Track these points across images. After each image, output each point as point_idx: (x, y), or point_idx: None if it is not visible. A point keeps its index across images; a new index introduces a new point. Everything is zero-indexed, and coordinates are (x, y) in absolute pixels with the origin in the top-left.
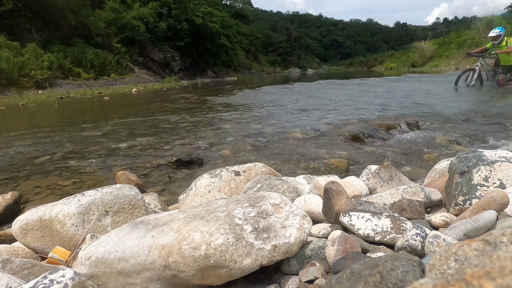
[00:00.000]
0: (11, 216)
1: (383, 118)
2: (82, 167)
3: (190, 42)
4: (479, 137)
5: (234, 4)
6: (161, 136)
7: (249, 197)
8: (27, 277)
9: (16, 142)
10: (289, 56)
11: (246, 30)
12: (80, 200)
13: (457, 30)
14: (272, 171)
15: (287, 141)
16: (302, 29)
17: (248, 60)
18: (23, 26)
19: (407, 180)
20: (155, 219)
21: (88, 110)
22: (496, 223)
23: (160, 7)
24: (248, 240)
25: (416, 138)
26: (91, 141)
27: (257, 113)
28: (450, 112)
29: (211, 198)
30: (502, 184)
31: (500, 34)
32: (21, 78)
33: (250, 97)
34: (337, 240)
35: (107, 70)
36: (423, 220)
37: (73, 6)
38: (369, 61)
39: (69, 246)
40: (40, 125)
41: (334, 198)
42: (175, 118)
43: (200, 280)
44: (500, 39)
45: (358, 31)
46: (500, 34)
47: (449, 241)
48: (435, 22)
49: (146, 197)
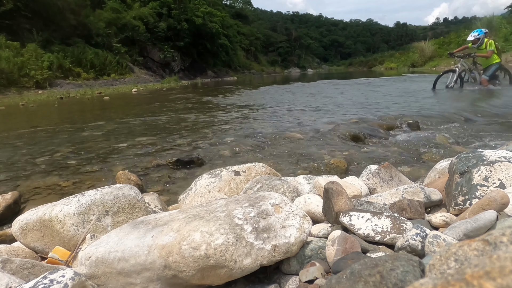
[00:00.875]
0: (11, 216)
1: (383, 118)
2: (82, 167)
3: (190, 42)
4: (479, 137)
5: (234, 4)
6: (161, 136)
7: (249, 197)
8: (27, 277)
9: (16, 142)
10: (289, 56)
11: (246, 30)
12: (80, 200)
13: (457, 30)
14: (272, 171)
15: (287, 141)
16: (302, 29)
17: (248, 60)
18: (23, 26)
19: (407, 180)
20: (155, 219)
21: (88, 110)
22: (496, 223)
23: (160, 7)
24: (248, 240)
25: (416, 138)
26: (91, 141)
27: (257, 113)
28: (450, 112)
29: (211, 198)
30: (502, 184)
31: (479, 37)
32: (21, 78)
33: (250, 97)
34: (337, 240)
35: (107, 70)
36: (423, 220)
37: (73, 6)
38: (369, 61)
39: (69, 246)
40: (40, 125)
41: (334, 198)
42: (175, 118)
43: (200, 280)
44: (479, 42)
45: (358, 31)
46: (478, 37)
47: (449, 241)
48: (435, 22)
49: (146, 197)
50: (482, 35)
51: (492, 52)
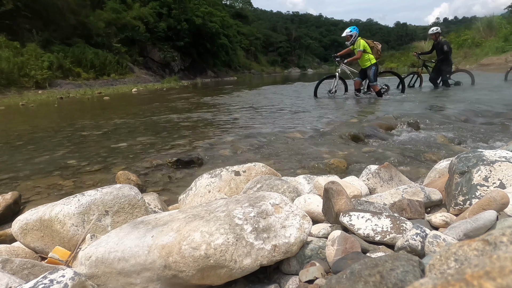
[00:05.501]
0: (11, 216)
1: (383, 118)
2: (82, 167)
3: (190, 42)
4: (479, 137)
5: (234, 4)
6: (161, 136)
7: (249, 197)
8: (27, 277)
9: (16, 142)
10: (289, 56)
11: (246, 30)
12: (80, 200)
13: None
14: (272, 171)
15: (287, 141)
16: (302, 29)
17: (248, 60)
18: (23, 26)
19: (407, 180)
20: (155, 219)
21: (88, 110)
22: (496, 223)
23: (160, 7)
24: (248, 240)
25: (416, 138)
26: (91, 141)
27: (257, 113)
28: (450, 112)
29: (211, 198)
30: (502, 184)
31: (351, 35)
32: (21, 78)
33: (250, 97)
34: (337, 240)
35: (107, 70)
36: (423, 220)
37: (73, 6)
38: None
39: (69, 246)
40: (40, 125)
41: (334, 198)
42: (175, 118)
43: (200, 280)
44: (352, 39)
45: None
46: (351, 34)
47: (449, 241)
48: (435, 22)
49: (146, 197)
50: (355, 32)
51: (361, 52)
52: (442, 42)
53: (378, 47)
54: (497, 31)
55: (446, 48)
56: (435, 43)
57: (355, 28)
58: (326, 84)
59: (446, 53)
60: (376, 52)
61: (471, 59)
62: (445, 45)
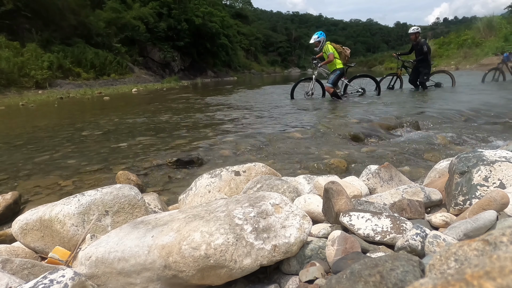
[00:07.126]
0: (11, 216)
1: (383, 118)
2: (82, 167)
3: (190, 42)
4: (479, 137)
5: (234, 4)
6: (161, 136)
7: (249, 197)
8: (27, 277)
9: (16, 142)
10: (289, 56)
11: (246, 30)
12: (80, 200)
13: (457, 30)
14: (272, 171)
15: (287, 141)
16: (302, 29)
17: (248, 60)
18: (23, 26)
19: (407, 180)
20: (155, 219)
21: (88, 110)
22: (496, 223)
23: (160, 7)
24: (248, 240)
25: (416, 138)
26: (91, 141)
27: (257, 113)
28: (450, 112)
29: (211, 198)
30: (502, 184)
31: (319, 40)
32: (21, 78)
33: (250, 97)
34: (337, 240)
35: (107, 70)
36: (423, 220)
37: (73, 6)
38: (369, 61)
39: (69, 246)
40: (40, 125)
41: (334, 198)
42: (175, 118)
43: (200, 280)
44: (320, 45)
45: (358, 31)
46: (319, 40)
47: (449, 241)
48: (435, 22)
49: (146, 197)
50: (322, 37)
51: (333, 55)
52: (421, 43)
53: (346, 53)
54: (497, 31)
55: (425, 49)
56: (414, 44)
57: (322, 34)
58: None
59: (425, 53)
60: (344, 58)
61: (471, 59)
62: (424, 46)
